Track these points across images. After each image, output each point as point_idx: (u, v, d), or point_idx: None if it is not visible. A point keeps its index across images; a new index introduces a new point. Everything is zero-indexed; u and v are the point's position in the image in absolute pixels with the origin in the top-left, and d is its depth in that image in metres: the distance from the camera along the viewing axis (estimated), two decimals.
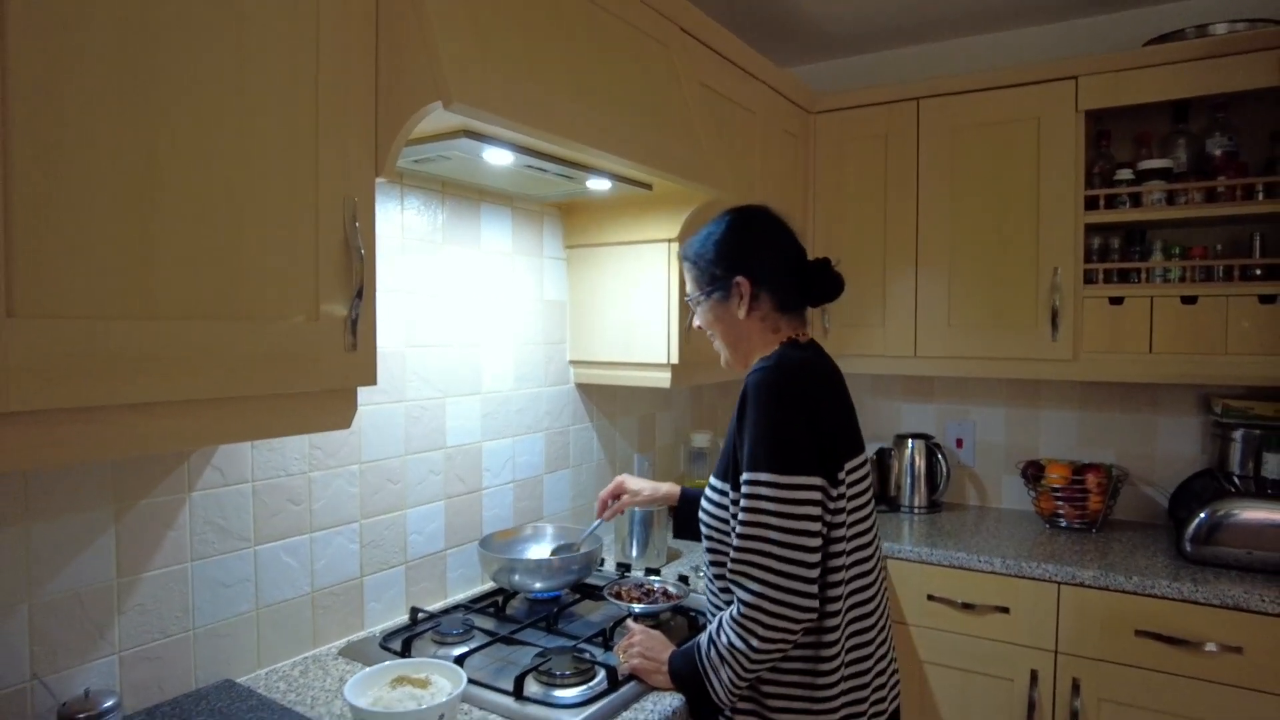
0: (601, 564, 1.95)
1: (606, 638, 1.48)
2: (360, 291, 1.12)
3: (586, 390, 2.16)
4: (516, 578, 1.64)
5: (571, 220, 2.04)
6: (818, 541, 1.19)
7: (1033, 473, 2.41)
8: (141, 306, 0.88)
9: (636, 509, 1.95)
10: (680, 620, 1.60)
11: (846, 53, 2.86)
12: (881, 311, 2.53)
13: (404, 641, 1.45)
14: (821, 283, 1.37)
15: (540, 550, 1.79)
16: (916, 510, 2.58)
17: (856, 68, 2.89)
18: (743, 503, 1.21)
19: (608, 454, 2.26)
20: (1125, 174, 2.27)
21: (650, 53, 1.71)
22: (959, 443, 2.71)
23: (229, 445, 1.35)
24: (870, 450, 2.64)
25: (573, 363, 2.09)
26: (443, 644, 1.49)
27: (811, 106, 2.59)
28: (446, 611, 1.65)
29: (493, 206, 1.85)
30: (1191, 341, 2.14)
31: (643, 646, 1.35)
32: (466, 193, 1.79)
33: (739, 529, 1.21)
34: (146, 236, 0.88)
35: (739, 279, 1.33)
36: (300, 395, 1.09)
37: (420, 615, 1.60)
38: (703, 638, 1.27)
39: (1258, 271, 2.14)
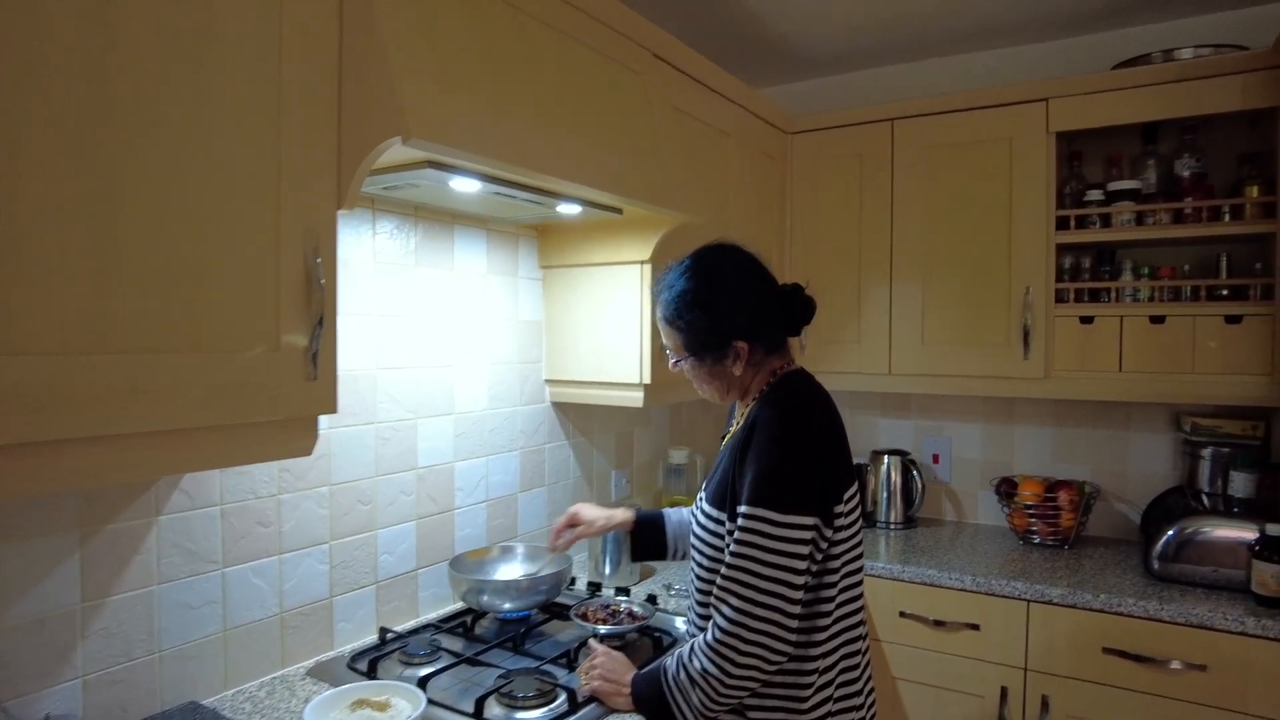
0: (573, 583, 1.97)
1: (571, 659, 1.50)
2: (321, 322, 1.15)
3: (563, 409, 2.19)
4: (485, 598, 1.66)
5: (547, 241, 2.07)
6: (803, 580, 1.21)
7: (1006, 489, 2.43)
8: (104, 341, 0.91)
9: None
10: (645, 641, 1.62)
11: (824, 73, 2.90)
12: (857, 329, 2.56)
13: (370, 662, 1.47)
14: (799, 311, 1.38)
15: (510, 570, 1.81)
16: (892, 526, 2.60)
17: (834, 88, 2.92)
18: (737, 534, 1.22)
19: (584, 471, 2.28)
20: (1096, 194, 2.30)
21: (621, 80, 1.74)
22: (935, 458, 2.73)
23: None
24: None
25: (548, 382, 2.12)
26: (409, 664, 1.50)
27: (788, 127, 2.62)
28: (416, 631, 1.67)
29: (467, 229, 1.88)
30: (1160, 360, 2.16)
31: (604, 668, 1.37)
32: (440, 216, 1.81)
33: (729, 559, 1.22)
34: (108, 272, 0.91)
35: (737, 343, 1.31)
36: (261, 424, 1.11)
37: (389, 635, 1.61)
38: (669, 661, 1.29)
39: (1224, 292, 2.16)
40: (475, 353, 1.91)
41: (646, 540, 1.61)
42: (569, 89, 1.55)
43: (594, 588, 1.91)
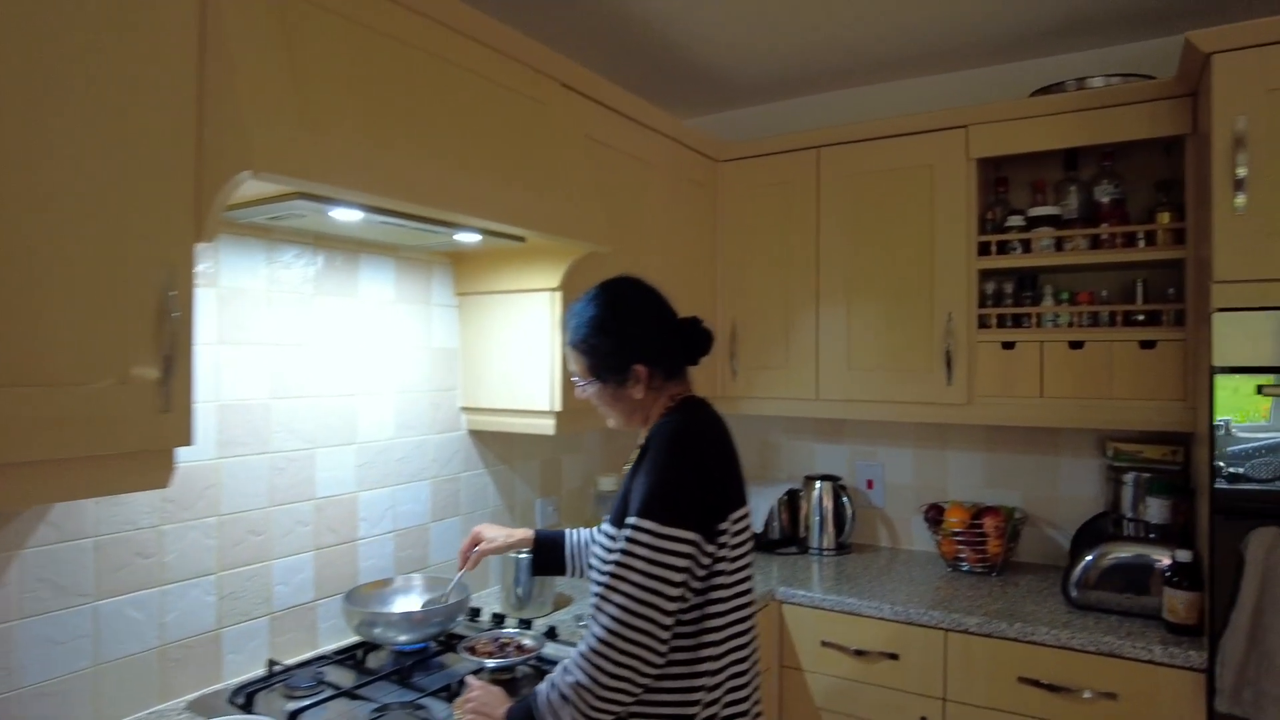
0: (477, 614, 1.95)
1: (452, 692, 1.48)
2: (173, 355, 1.14)
3: (481, 437, 2.18)
4: (378, 631, 1.64)
5: (463, 268, 2.07)
6: (678, 592, 1.23)
7: (933, 515, 2.42)
8: None
9: (520, 559, 1.96)
10: (534, 674, 1.61)
11: (757, 102, 2.93)
12: (785, 355, 2.56)
13: (249, 695, 1.45)
14: (696, 342, 1.44)
15: (409, 602, 1.80)
16: (825, 552, 2.59)
17: (767, 116, 2.95)
18: (621, 544, 1.25)
19: (505, 500, 2.27)
20: (1017, 220, 2.31)
21: (521, 110, 1.75)
22: (869, 484, 2.72)
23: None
24: (781, 491, 2.66)
25: (465, 409, 2.11)
26: (291, 697, 1.49)
27: (718, 155, 2.64)
28: (308, 664, 1.65)
29: (374, 257, 1.88)
30: (1079, 386, 2.17)
31: (478, 703, 1.36)
32: (344, 245, 1.82)
33: (610, 568, 1.24)
34: None
35: (637, 367, 1.37)
36: (110, 457, 1.11)
37: (276, 668, 1.60)
38: (541, 686, 1.28)
39: (1140, 317, 2.17)
40: (381, 381, 1.90)
41: (545, 557, 1.65)
42: (457, 119, 1.56)
43: (498, 619, 1.90)
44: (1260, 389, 1.70)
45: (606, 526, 1.38)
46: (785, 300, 2.56)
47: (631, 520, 1.25)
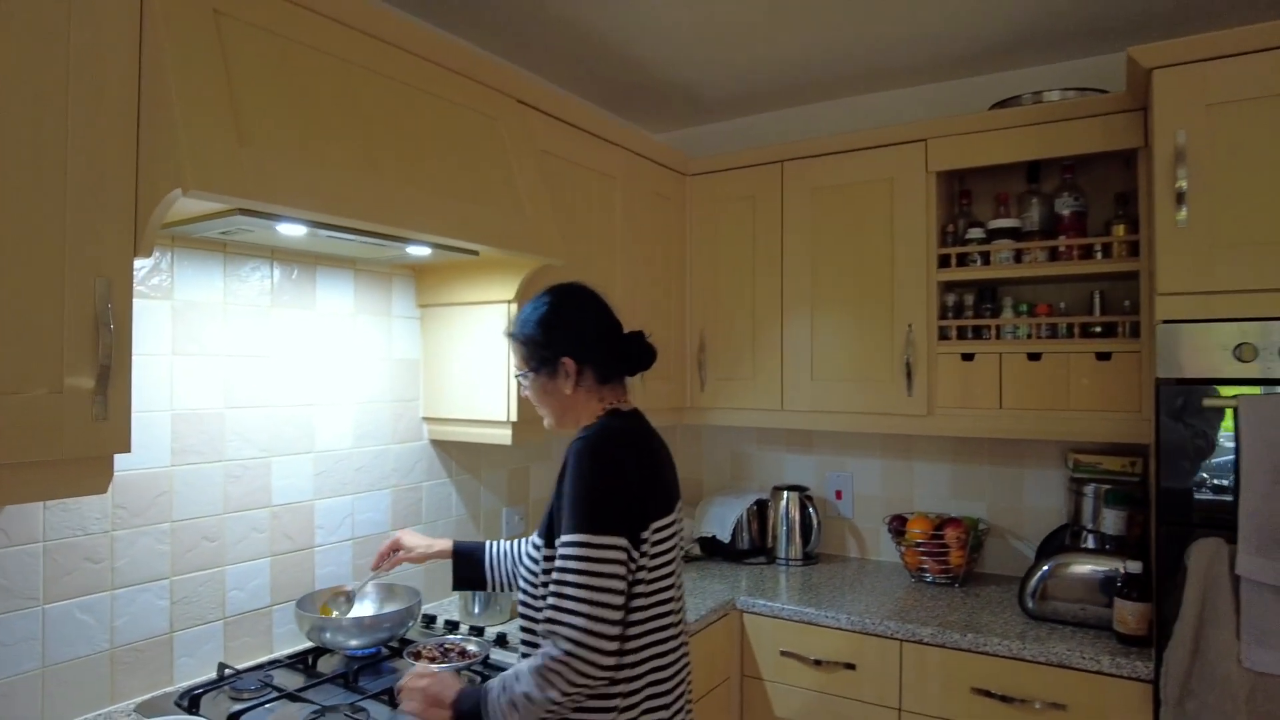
0: (431, 622, 1.98)
1: (392, 695, 1.51)
2: (110, 365, 1.19)
3: (444, 447, 2.21)
4: (328, 635, 1.68)
5: (424, 280, 2.12)
6: (621, 599, 1.26)
7: (896, 526, 2.43)
8: None
9: None
10: (474, 678, 1.63)
11: (725, 117, 2.98)
12: (752, 366, 2.58)
13: (193, 698, 1.49)
14: (637, 354, 1.47)
15: (361, 608, 1.83)
16: (791, 562, 2.60)
17: (737, 130, 2.99)
18: (558, 562, 1.27)
19: (469, 509, 2.30)
20: (977, 233, 2.33)
21: (471, 125, 1.79)
22: (838, 495, 2.74)
23: (17, 505, 1.41)
24: (749, 501, 2.68)
25: (426, 420, 2.15)
26: (237, 700, 1.52)
27: (686, 169, 2.68)
28: (259, 667, 1.68)
29: (331, 270, 1.93)
30: (1037, 397, 2.18)
31: (430, 684, 1.34)
32: (301, 258, 1.86)
33: (553, 586, 1.26)
34: None
35: (564, 358, 1.41)
36: (48, 463, 1.15)
37: (226, 671, 1.63)
38: (494, 682, 1.29)
39: (1097, 329, 2.18)
40: (340, 391, 1.94)
41: (463, 570, 1.67)
42: (402, 135, 1.61)
43: (451, 625, 1.93)
44: (1204, 401, 1.71)
45: (534, 538, 1.40)
46: (752, 312, 2.59)
47: (564, 538, 1.28)
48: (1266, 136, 1.67)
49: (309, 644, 1.83)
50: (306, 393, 1.87)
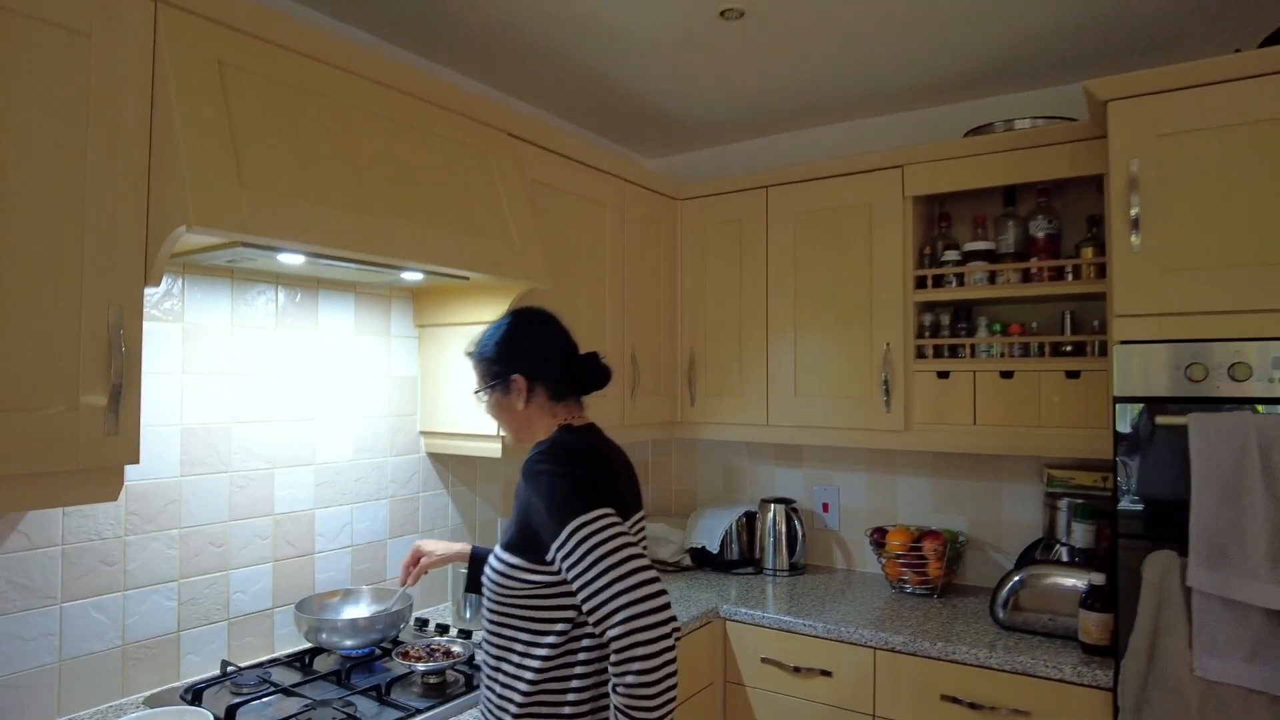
0: (424, 625, 2.09)
1: (381, 692, 1.62)
2: (121, 385, 1.31)
3: (441, 459, 2.33)
4: (324, 636, 1.79)
5: (421, 302, 2.24)
6: (638, 550, 1.28)
7: (877, 538, 2.51)
8: None
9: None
10: (458, 676, 1.74)
11: (717, 143, 3.11)
12: (739, 382, 2.68)
13: (197, 692, 1.60)
14: (590, 374, 1.53)
15: (357, 611, 1.94)
16: (778, 573, 2.68)
17: (727, 156, 3.12)
18: (567, 559, 1.28)
19: (465, 519, 2.42)
20: (952, 255, 2.42)
21: (461, 159, 1.92)
22: (825, 507, 2.81)
23: (38, 511, 1.54)
24: (738, 513, 2.76)
25: (423, 433, 2.27)
26: (237, 694, 1.64)
27: (678, 194, 2.79)
28: (260, 665, 1.80)
29: (333, 293, 2.06)
30: (1010, 414, 2.25)
31: None
32: (304, 282, 1.99)
33: (578, 582, 1.27)
34: None
35: (515, 376, 1.49)
36: (63, 473, 1.28)
37: (229, 669, 1.75)
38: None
39: (1068, 348, 2.26)
40: (341, 407, 2.07)
41: (477, 573, 1.75)
42: (394, 170, 1.73)
43: (442, 629, 2.03)
44: (1158, 419, 1.78)
45: (497, 548, 1.45)
46: (739, 330, 2.69)
47: (559, 537, 1.29)
48: (1214, 166, 1.75)
49: (308, 644, 1.95)
50: (308, 408, 2.00)
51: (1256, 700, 1.63)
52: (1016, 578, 2.13)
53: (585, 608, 1.27)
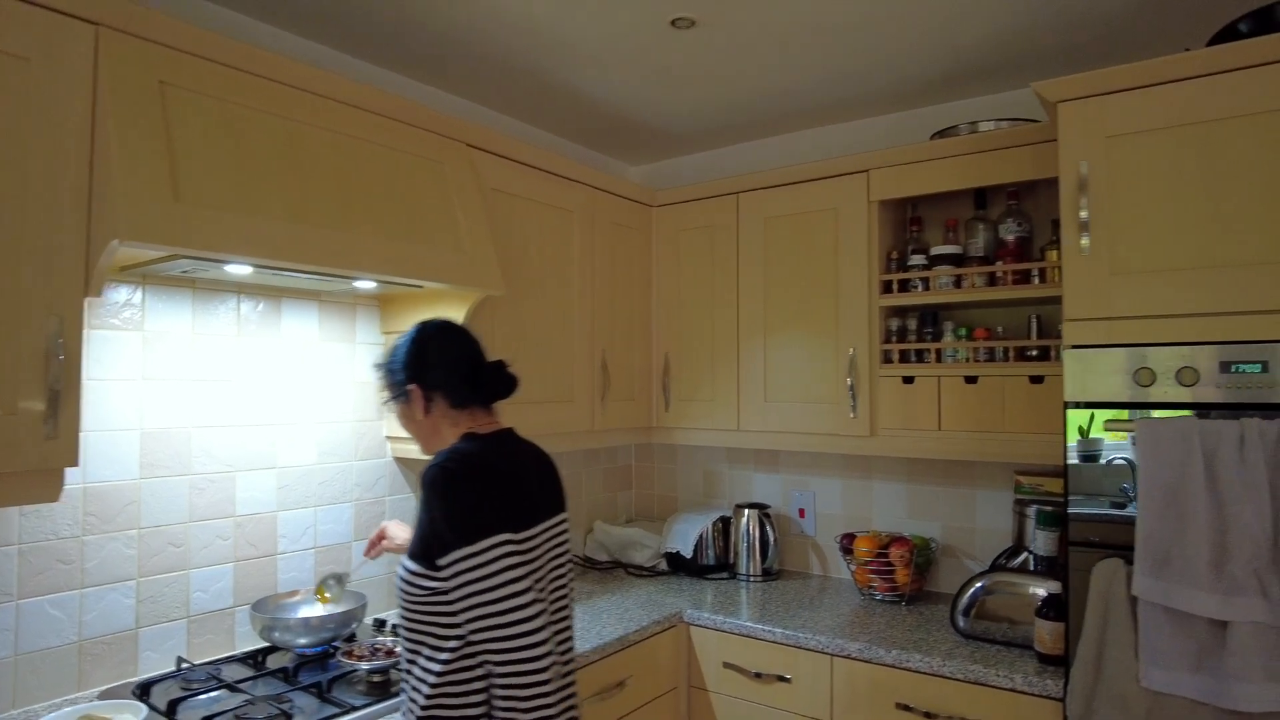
0: (381, 626, 2.13)
1: (322, 690, 1.66)
2: (60, 391, 1.38)
3: (407, 463, 2.38)
4: (278, 634, 1.84)
5: (387, 309, 2.29)
6: (526, 584, 1.30)
7: (846, 544, 2.49)
8: None
9: None
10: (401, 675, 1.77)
11: (692, 150, 3.13)
12: (712, 387, 2.69)
13: (145, 687, 1.66)
14: (493, 382, 1.53)
15: (312, 611, 1.99)
16: (751, 578, 2.68)
17: (703, 163, 3.14)
18: (451, 583, 1.30)
19: None
20: (918, 259, 2.40)
21: (412, 170, 1.96)
22: (801, 513, 2.80)
23: None
24: (712, 518, 2.77)
25: (389, 438, 2.32)
26: (187, 689, 1.69)
27: (652, 201, 2.81)
28: (214, 663, 1.86)
29: (297, 301, 2.12)
30: (974, 420, 2.23)
31: None
32: (266, 292, 2.06)
33: (463, 615, 1.30)
34: None
35: (411, 386, 1.50)
36: (2, 475, 1.34)
37: (184, 665, 1.81)
38: None
39: (1033, 353, 2.22)
40: (303, 413, 2.12)
41: None
42: (340, 182, 1.78)
43: (395, 630, 2.07)
44: (1106, 424, 1.75)
45: (404, 558, 1.43)
46: (712, 336, 2.70)
47: (443, 560, 1.30)
48: (1161, 167, 1.72)
49: (263, 643, 2.00)
50: (271, 413, 2.05)
51: (1202, 711, 1.59)
52: (977, 585, 2.10)
53: (465, 630, 1.31)
